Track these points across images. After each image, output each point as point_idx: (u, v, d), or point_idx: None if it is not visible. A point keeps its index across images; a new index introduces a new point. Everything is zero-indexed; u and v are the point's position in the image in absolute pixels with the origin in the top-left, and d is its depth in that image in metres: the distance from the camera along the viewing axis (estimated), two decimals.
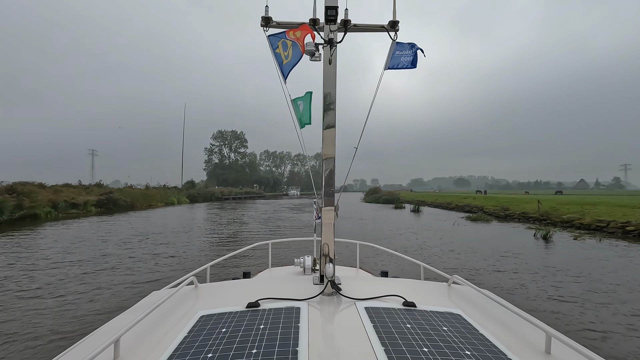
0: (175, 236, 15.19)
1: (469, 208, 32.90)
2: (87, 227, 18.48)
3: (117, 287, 7.48)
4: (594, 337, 5.11)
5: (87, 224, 20.29)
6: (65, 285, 7.58)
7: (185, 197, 52.48)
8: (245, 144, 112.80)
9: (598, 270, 9.29)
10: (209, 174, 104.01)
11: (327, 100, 1.98)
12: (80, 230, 17.31)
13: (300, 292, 1.82)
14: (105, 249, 11.97)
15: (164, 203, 44.22)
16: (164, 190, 51.48)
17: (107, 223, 20.67)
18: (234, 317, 1.49)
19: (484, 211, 28.81)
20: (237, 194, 73.42)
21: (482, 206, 31.32)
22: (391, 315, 1.52)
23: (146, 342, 1.35)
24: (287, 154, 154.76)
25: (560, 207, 23.15)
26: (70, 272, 8.70)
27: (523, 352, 1.26)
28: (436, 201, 45.24)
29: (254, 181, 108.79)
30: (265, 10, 2.18)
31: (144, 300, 1.99)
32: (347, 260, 4.50)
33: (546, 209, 22.72)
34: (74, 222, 21.30)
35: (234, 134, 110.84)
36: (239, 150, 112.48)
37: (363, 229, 18.78)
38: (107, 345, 1.14)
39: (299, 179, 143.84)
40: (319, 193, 2.10)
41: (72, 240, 13.65)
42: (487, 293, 1.83)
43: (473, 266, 9.83)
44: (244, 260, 9.79)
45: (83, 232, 16.33)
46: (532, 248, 12.77)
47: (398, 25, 2.18)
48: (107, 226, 19.03)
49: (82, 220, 22.76)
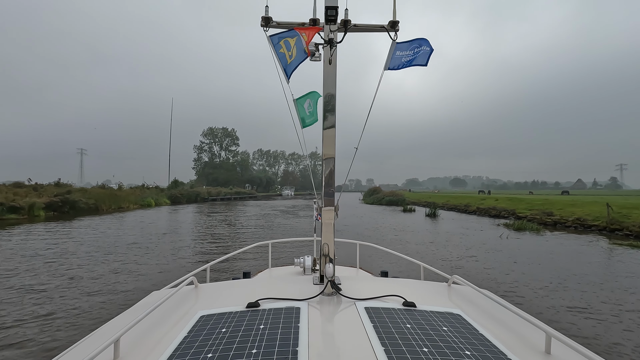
0: (89, 260, 9.69)
1: (496, 212, 27.69)
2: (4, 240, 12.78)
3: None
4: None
5: (7, 235, 14.58)
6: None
7: (166, 198, 46.70)
8: (237, 141, 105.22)
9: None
10: (198, 173, 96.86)
11: (327, 101, 1.97)
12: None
13: (300, 292, 1.80)
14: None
15: (139, 205, 38.46)
16: (141, 190, 45.60)
17: (33, 235, 15.01)
18: (233, 317, 1.48)
19: (518, 216, 23.68)
20: (226, 194, 66.83)
21: (513, 210, 26.15)
22: (391, 315, 1.50)
23: (146, 342, 1.33)
24: (282, 153, 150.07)
25: (629, 212, 18.00)
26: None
27: (523, 352, 1.24)
28: (448, 203, 40.08)
29: (246, 181, 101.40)
30: (265, 10, 2.15)
31: (144, 300, 1.95)
32: (347, 260, 4.17)
33: (614, 215, 17.56)
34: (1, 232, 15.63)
35: (225, 131, 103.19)
36: (230, 149, 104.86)
37: (384, 244, 13.40)
38: (107, 345, 1.12)
39: (293, 178, 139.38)
40: (318, 193, 2.11)
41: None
42: (487, 293, 1.80)
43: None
44: (244, 260, 9.08)
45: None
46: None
47: (398, 25, 2.14)
48: (25, 239, 13.38)
49: (13, 229, 17.10)
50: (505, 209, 27.32)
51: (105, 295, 6.87)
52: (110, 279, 8.08)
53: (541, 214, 22.34)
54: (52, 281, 7.83)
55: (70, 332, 5.14)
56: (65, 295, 6.83)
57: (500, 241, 14.53)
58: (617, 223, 16.75)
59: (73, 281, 7.87)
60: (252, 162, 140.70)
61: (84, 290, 7.21)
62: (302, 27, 2.04)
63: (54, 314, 5.80)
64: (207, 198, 57.23)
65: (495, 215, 26.92)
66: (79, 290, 7.22)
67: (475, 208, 31.88)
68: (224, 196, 63.94)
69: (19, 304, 6.29)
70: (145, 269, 9.16)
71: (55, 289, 7.21)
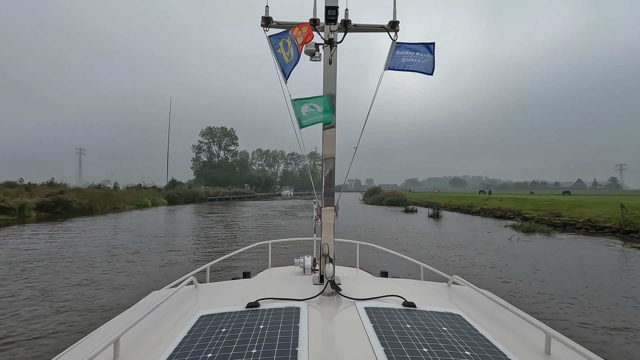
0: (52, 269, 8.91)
1: (501, 212, 26.94)
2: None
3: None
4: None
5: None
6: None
7: (164, 198, 45.82)
8: (236, 141, 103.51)
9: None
10: (196, 173, 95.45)
11: None
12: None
13: (300, 292, 1.79)
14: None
15: (135, 205, 37.65)
16: (137, 190, 44.77)
17: (22, 234, 14.22)
18: (233, 317, 1.47)
19: (525, 217, 22.92)
20: (225, 194, 65.65)
21: (519, 210, 25.40)
22: (391, 316, 1.49)
23: (146, 342, 1.31)
24: (281, 153, 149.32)
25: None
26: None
27: (523, 353, 1.23)
28: (450, 203, 39.34)
29: (245, 181, 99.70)
30: (265, 10, 2.15)
31: (144, 300, 1.94)
32: (347, 260, 4.13)
33: (628, 216, 16.80)
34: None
35: (224, 131, 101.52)
36: (229, 148, 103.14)
37: (391, 246, 12.63)
38: (107, 345, 1.11)
39: (293, 178, 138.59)
40: (318, 193, 2.10)
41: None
42: (487, 293, 1.78)
43: None
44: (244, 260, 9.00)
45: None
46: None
47: (398, 26, 2.13)
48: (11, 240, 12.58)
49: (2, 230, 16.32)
50: (510, 210, 26.56)
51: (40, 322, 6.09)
52: (79, 293, 7.29)
53: (549, 215, 21.56)
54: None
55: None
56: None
57: (512, 244, 13.77)
58: (632, 225, 16.00)
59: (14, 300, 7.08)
60: (251, 162, 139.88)
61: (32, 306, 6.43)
62: (294, 27, 2.03)
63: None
64: (205, 198, 55.95)
65: (500, 216, 26.15)
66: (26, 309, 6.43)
67: (479, 209, 31.09)
68: (222, 196, 62.75)
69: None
70: (122, 280, 8.37)
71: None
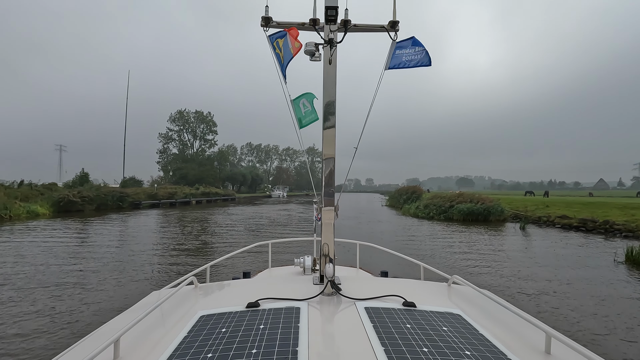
0: None
1: (594, 225, 16.02)
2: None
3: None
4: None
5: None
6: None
7: (48, 205, 27.45)
8: (214, 128, 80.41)
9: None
10: (163, 168, 75.65)
11: (327, 101, 1.98)
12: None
13: (300, 292, 1.80)
14: None
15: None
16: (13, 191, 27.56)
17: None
18: (233, 317, 1.48)
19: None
20: (187, 195, 47.55)
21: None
22: (391, 316, 1.49)
23: (146, 342, 1.33)
24: (274, 148, 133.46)
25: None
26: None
27: (523, 352, 1.23)
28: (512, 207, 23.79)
29: (226, 178, 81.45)
30: (265, 10, 2.18)
31: (144, 300, 1.96)
32: (347, 260, 4.18)
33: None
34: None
35: (200, 116, 78.43)
36: (207, 138, 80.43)
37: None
38: (107, 345, 1.11)
39: (287, 176, 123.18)
40: (318, 193, 2.11)
41: None
42: (487, 293, 1.79)
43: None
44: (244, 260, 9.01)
45: None
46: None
47: (398, 25, 2.17)
48: None
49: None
50: (619, 223, 15.78)
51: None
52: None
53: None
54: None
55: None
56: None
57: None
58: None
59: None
60: (239, 158, 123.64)
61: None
62: (290, 28, 2.10)
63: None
64: (138, 203, 36.39)
65: (595, 230, 15.69)
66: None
67: (598, 224, 16.55)
68: (181, 199, 44.91)
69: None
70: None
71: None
